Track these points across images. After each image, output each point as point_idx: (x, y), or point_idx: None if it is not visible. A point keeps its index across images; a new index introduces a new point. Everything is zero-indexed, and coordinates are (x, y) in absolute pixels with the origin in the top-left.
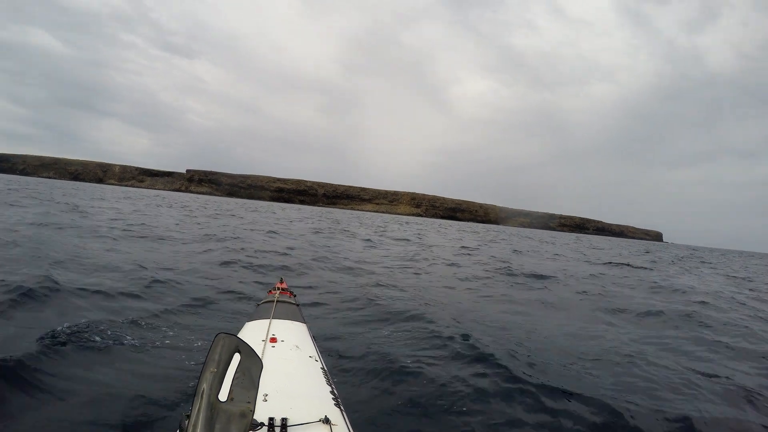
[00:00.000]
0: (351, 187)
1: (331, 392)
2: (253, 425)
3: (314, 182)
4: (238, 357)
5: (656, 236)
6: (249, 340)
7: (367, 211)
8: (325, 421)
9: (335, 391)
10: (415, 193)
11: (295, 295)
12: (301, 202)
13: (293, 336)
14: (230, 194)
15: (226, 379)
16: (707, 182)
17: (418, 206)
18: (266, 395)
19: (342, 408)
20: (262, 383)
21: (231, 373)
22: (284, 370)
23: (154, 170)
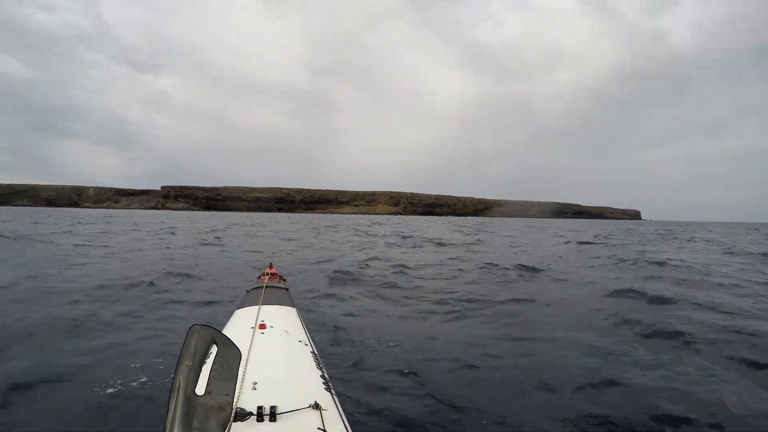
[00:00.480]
0: (328, 191)
1: (322, 376)
2: (242, 415)
3: (291, 189)
4: (215, 348)
5: (635, 215)
6: (238, 328)
7: (346, 213)
8: (315, 406)
9: (326, 375)
10: (393, 192)
11: (284, 280)
12: (279, 210)
13: (283, 321)
14: (207, 207)
15: (204, 372)
16: (680, 159)
17: (397, 204)
18: (255, 383)
19: (333, 392)
20: (251, 371)
21: (208, 366)
22: (274, 356)
23: (128, 190)
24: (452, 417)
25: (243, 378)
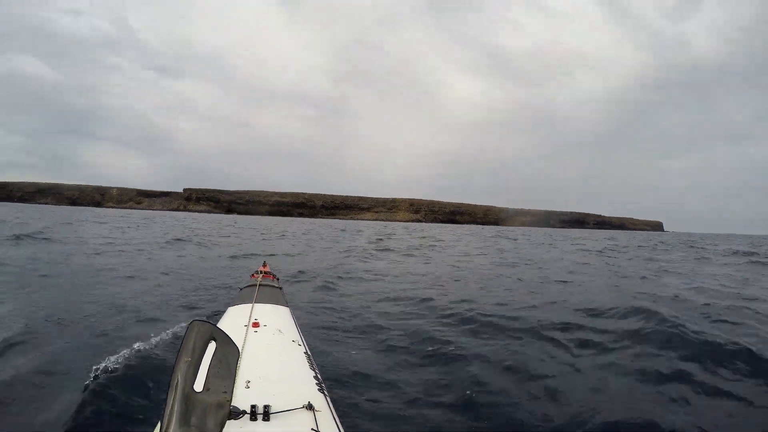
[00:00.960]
0: (348, 196)
1: (315, 377)
2: (235, 413)
3: (312, 194)
4: (214, 345)
5: (656, 226)
6: (231, 326)
7: (366, 219)
8: (309, 407)
9: (319, 376)
10: (413, 199)
11: (278, 279)
12: (300, 215)
13: (276, 320)
14: (229, 211)
15: (202, 368)
16: (703, 168)
17: (417, 212)
18: (248, 382)
19: (326, 393)
20: (245, 369)
21: (207, 362)
22: (267, 355)
23: (151, 191)
24: (447, 417)
25: (236, 376)
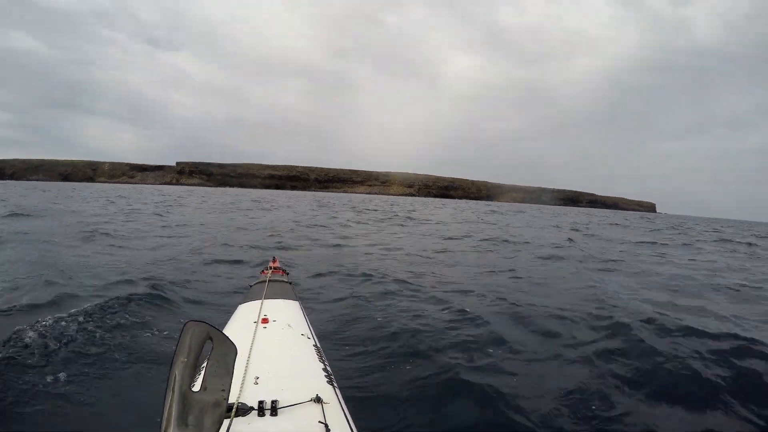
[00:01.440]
0: (342, 170)
1: (324, 369)
2: (243, 410)
3: (305, 167)
4: (211, 344)
5: (650, 207)
6: (240, 323)
7: (360, 193)
8: (317, 400)
9: (328, 368)
10: (407, 173)
11: (287, 273)
12: (293, 188)
13: (285, 315)
14: (222, 184)
15: (200, 368)
16: (698, 153)
17: (411, 186)
18: (257, 378)
19: (335, 385)
20: (253, 366)
21: (204, 362)
22: (276, 350)
23: (144, 165)
24: (455, 410)
25: (245, 373)
